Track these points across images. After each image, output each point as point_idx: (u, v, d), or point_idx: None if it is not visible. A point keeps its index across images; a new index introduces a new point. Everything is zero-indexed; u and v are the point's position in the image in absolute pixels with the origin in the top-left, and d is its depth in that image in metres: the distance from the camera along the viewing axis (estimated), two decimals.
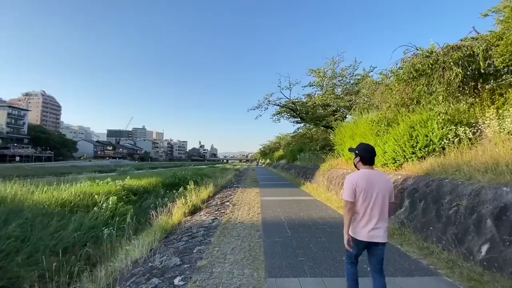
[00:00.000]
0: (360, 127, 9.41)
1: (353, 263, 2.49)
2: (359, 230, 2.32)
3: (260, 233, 5.14)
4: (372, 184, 2.30)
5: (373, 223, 2.27)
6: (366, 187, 2.29)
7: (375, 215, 2.27)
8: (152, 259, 3.94)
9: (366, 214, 2.29)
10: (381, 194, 2.30)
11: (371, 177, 2.34)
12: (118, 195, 10.00)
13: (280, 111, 19.83)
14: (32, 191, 8.52)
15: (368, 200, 2.28)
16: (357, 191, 2.29)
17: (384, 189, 2.32)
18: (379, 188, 2.30)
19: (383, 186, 2.32)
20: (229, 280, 3.13)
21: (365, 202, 2.28)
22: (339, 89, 17.07)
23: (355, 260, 2.48)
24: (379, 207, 2.28)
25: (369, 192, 2.29)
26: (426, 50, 6.98)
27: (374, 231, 2.27)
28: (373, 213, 2.27)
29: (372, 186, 2.30)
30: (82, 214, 7.52)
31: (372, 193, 2.29)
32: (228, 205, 8.49)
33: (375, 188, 2.29)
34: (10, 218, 5.96)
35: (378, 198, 2.28)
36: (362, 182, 2.31)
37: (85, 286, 3.68)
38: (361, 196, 2.29)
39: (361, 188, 2.29)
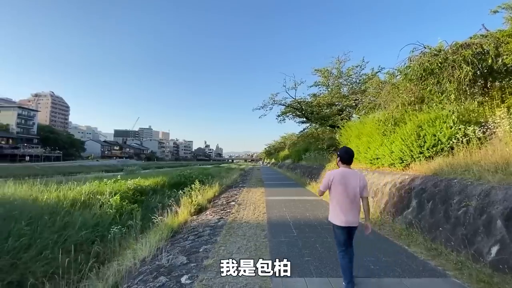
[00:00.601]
0: (366, 126, 9.33)
1: (344, 250, 2.92)
2: (337, 217, 2.87)
3: (266, 232, 5.14)
4: (346, 180, 2.86)
5: (347, 211, 2.82)
6: (340, 181, 2.85)
7: (348, 204, 2.83)
8: (159, 258, 3.98)
9: (340, 203, 2.85)
10: (351, 188, 2.83)
11: (345, 174, 2.90)
12: (125, 194, 10.14)
13: (285, 111, 19.79)
14: (41, 190, 8.69)
15: (341, 192, 2.85)
16: (332, 183, 2.90)
17: (355, 184, 2.85)
18: (351, 183, 2.84)
19: (354, 182, 2.85)
20: (235, 279, 3.14)
21: (339, 193, 2.85)
22: (345, 89, 16.95)
23: (343, 244, 2.92)
24: (351, 198, 2.84)
25: (342, 185, 2.85)
26: (434, 48, 6.88)
27: (349, 218, 2.83)
28: (346, 202, 2.83)
29: (345, 181, 2.86)
30: (89, 213, 7.64)
31: (345, 187, 2.84)
32: (234, 204, 8.52)
33: (347, 183, 2.85)
34: (21, 216, 6.10)
35: (350, 191, 2.83)
36: (337, 177, 2.88)
37: (94, 284, 3.74)
38: (335, 188, 2.89)
39: (336, 181, 2.87)
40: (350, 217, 2.82)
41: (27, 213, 6.17)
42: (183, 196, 9.65)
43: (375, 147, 8.10)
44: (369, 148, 8.62)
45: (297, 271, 3.36)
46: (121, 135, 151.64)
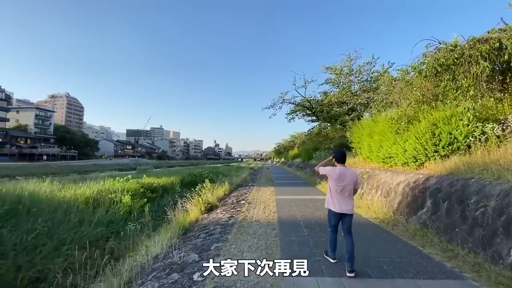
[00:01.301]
0: (378, 125, 9.15)
1: (334, 231, 3.63)
2: (333, 204, 3.49)
3: (277, 231, 5.14)
4: (344, 177, 3.45)
5: (343, 201, 3.43)
6: (339, 177, 3.45)
7: (345, 195, 3.43)
8: (172, 255, 4.05)
9: (338, 194, 3.45)
10: (347, 182, 3.43)
11: (343, 171, 3.50)
12: (137, 192, 10.36)
13: (295, 110, 19.68)
14: (58, 188, 8.99)
15: (339, 185, 3.42)
16: (331, 178, 3.52)
17: (350, 179, 3.45)
18: (347, 178, 3.45)
19: (349, 177, 3.46)
20: (247, 278, 3.15)
21: (337, 186, 3.44)
22: (356, 86, 16.67)
23: (335, 228, 3.61)
24: (347, 190, 3.44)
25: (340, 180, 3.43)
26: (450, 44, 6.66)
27: (344, 206, 3.42)
28: (343, 194, 3.43)
29: (342, 176, 3.45)
30: (104, 210, 7.85)
31: (342, 181, 3.43)
32: (244, 203, 8.56)
33: (344, 178, 3.44)
34: (38, 213, 6.34)
35: (346, 184, 3.43)
36: (337, 174, 3.49)
37: (109, 280, 3.84)
38: (334, 182, 3.47)
39: (335, 177, 3.46)
40: (343, 206, 3.43)
41: (45, 210, 6.39)
42: (193, 194, 9.78)
43: (388, 145, 7.94)
44: (381, 146, 8.45)
45: (309, 270, 3.34)
46: (133, 134, 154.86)
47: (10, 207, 5.68)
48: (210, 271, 3.11)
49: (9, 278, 4.22)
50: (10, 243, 4.88)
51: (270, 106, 18.90)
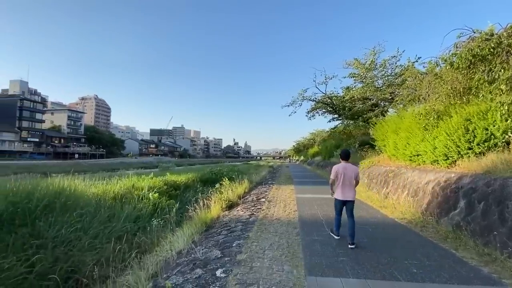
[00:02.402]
0: (405, 121, 8.72)
1: (339, 214, 4.54)
2: (339, 194, 4.43)
3: (298, 230, 5.08)
4: (345, 171, 4.39)
5: (346, 190, 4.38)
6: (342, 171, 4.39)
7: (347, 186, 4.38)
8: (195, 251, 4.14)
9: (341, 185, 4.38)
10: (349, 176, 4.38)
11: (345, 166, 4.45)
12: (161, 189, 10.73)
13: (315, 107, 19.32)
14: (90, 185, 9.53)
15: (342, 178, 4.37)
16: (337, 173, 4.43)
17: (351, 173, 4.40)
18: (348, 173, 4.39)
19: (350, 171, 4.41)
20: (269, 276, 3.15)
21: (341, 179, 4.38)
22: (380, 81, 16.00)
23: (340, 212, 4.52)
24: (348, 182, 4.38)
25: (343, 174, 4.38)
26: (485, 32, 6.17)
27: (346, 194, 4.37)
28: (346, 184, 4.37)
29: (345, 171, 4.39)
30: (131, 206, 8.21)
31: (345, 175, 4.37)
32: (264, 201, 8.56)
33: (346, 172, 4.38)
34: (73, 208, 6.75)
35: (347, 178, 4.37)
36: (341, 169, 4.43)
37: (136, 273, 4.01)
38: (339, 176, 4.41)
39: (340, 172, 4.42)
40: (346, 194, 4.37)
41: (80, 205, 6.81)
42: (214, 192, 9.94)
43: (415, 143, 7.55)
44: (408, 144, 8.06)
45: (332, 271, 3.27)
46: (156, 134, 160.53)
47: (48, 202, 6.10)
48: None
49: (48, 268, 4.55)
50: (49, 236, 5.25)
51: (289, 104, 18.70)
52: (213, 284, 2.99)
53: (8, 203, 5.56)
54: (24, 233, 5.27)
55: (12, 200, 5.67)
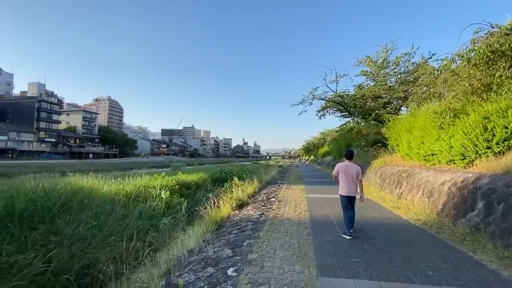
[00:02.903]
0: (419, 119, 8.49)
1: (346, 210, 4.84)
2: (343, 190, 4.85)
3: (309, 230, 5.04)
4: (348, 169, 4.83)
5: (348, 187, 4.80)
6: (344, 170, 4.84)
7: (350, 183, 4.80)
8: (206, 249, 4.18)
9: (345, 182, 4.83)
10: (350, 174, 4.78)
11: (348, 165, 4.88)
12: (172, 188, 10.88)
13: (325, 106, 19.06)
14: (104, 184, 9.78)
15: (345, 176, 4.82)
16: (339, 171, 4.90)
17: (354, 171, 4.80)
18: (350, 171, 4.80)
19: (353, 170, 4.81)
20: (280, 275, 3.14)
21: (344, 176, 4.83)
22: (393, 79, 15.63)
23: (346, 208, 4.84)
24: (350, 179, 4.79)
25: (345, 172, 4.82)
26: (504, 26, 5.92)
27: (349, 190, 4.79)
28: (348, 182, 4.80)
29: (347, 170, 4.83)
30: (144, 205, 8.37)
31: (347, 173, 4.81)
32: (274, 201, 8.54)
33: (348, 171, 4.81)
34: (89, 206, 6.96)
35: (349, 176, 4.79)
36: (343, 167, 4.88)
37: (149, 270, 4.09)
38: (342, 173, 4.86)
39: (342, 169, 4.87)
40: (349, 190, 4.80)
41: (95, 203, 7.00)
42: (224, 191, 10.00)
43: (430, 142, 7.34)
44: (422, 143, 7.85)
45: (345, 272, 3.22)
46: (167, 134, 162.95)
47: (66, 200, 6.32)
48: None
49: (65, 265, 4.70)
50: (67, 233, 5.43)
51: (299, 103, 18.50)
52: (224, 282, 3.00)
53: (28, 201, 5.78)
54: (43, 230, 5.48)
55: (32, 198, 5.89)
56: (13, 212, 5.65)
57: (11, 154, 56.35)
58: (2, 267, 4.37)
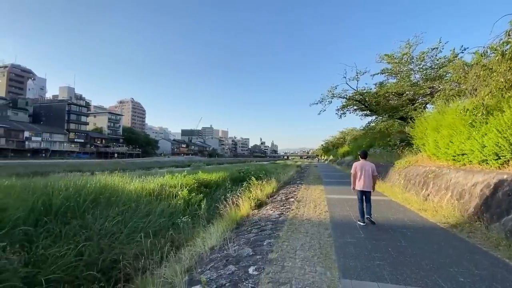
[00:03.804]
0: (447, 117, 8.05)
1: (361, 202, 5.51)
2: (359, 185, 5.54)
3: (330, 231, 4.95)
4: (363, 167, 5.53)
5: (363, 182, 5.49)
6: (360, 168, 5.55)
7: (365, 179, 5.49)
8: (227, 247, 4.24)
9: (360, 178, 5.52)
10: (366, 171, 5.50)
11: (363, 163, 5.59)
12: (192, 187, 11.15)
13: (346, 104, 18.59)
14: (128, 182, 10.23)
15: (361, 173, 5.52)
16: (356, 169, 5.59)
17: (368, 168, 5.51)
18: (366, 169, 5.51)
19: (368, 167, 5.53)
20: (302, 276, 3.12)
21: (360, 173, 5.54)
22: (417, 75, 14.92)
23: (361, 200, 5.52)
24: (366, 176, 5.50)
25: (361, 169, 5.53)
26: None
27: (364, 185, 5.49)
28: (364, 178, 5.49)
29: (363, 167, 5.53)
30: (166, 203, 8.65)
31: (363, 170, 5.51)
32: (293, 201, 8.47)
33: (364, 168, 5.52)
34: (115, 204, 7.31)
35: (365, 173, 5.50)
36: (359, 165, 5.59)
37: (172, 266, 4.22)
38: (358, 171, 5.55)
39: (359, 167, 5.56)
40: (365, 186, 5.51)
41: (121, 201, 7.34)
42: (243, 190, 10.08)
43: (460, 141, 6.94)
44: (451, 142, 7.44)
45: (368, 275, 3.14)
46: (187, 134, 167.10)
47: (95, 198, 6.70)
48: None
49: (95, 258, 4.98)
50: (95, 228, 5.75)
51: (318, 102, 18.20)
52: (246, 281, 3.03)
53: (61, 198, 6.18)
54: (75, 225, 5.84)
55: (65, 196, 6.29)
56: (50, 208, 6.07)
57: (45, 153, 60.48)
58: (40, 259, 4.71)
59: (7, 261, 4.09)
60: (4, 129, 56.20)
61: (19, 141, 58.55)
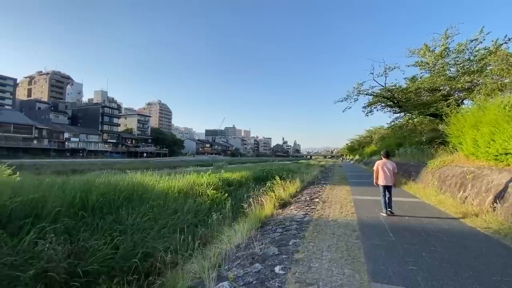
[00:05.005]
0: (488, 113, 7.42)
1: (384, 195, 6.34)
2: (381, 181, 6.41)
3: (357, 233, 4.80)
4: (385, 165, 6.43)
5: (387, 178, 6.36)
6: (383, 166, 6.44)
7: (387, 175, 6.36)
8: (252, 246, 4.28)
9: (383, 175, 6.39)
10: (387, 168, 6.38)
11: (385, 162, 6.48)
12: (218, 186, 11.39)
13: (373, 101, 17.82)
14: (157, 180, 10.69)
15: (383, 170, 6.41)
16: (379, 167, 6.48)
17: (390, 166, 6.40)
18: (387, 167, 6.40)
19: (389, 165, 6.40)
20: (329, 278, 3.06)
21: (382, 170, 6.41)
22: (453, 69, 13.88)
23: (384, 193, 6.35)
24: (388, 173, 6.36)
25: (383, 167, 6.43)
26: None
27: (386, 181, 6.36)
28: (386, 175, 6.37)
29: (385, 165, 6.43)
30: (192, 201, 8.92)
31: (385, 168, 6.41)
32: (318, 201, 8.33)
33: (386, 167, 6.41)
34: (146, 200, 7.69)
35: (387, 170, 6.37)
36: (381, 163, 6.50)
37: (200, 262, 4.35)
38: (380, 169, 6.45)
39: (380, 165, 6.47)
40: (386, 181, 6.35)
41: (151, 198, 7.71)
42: (266, 190, 10.08)
43: (503, 139, 6.36)
44: (493, 140, 6.85)
45: (401, 280, 3.00)
46: (210, 134, 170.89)
47: (128, 195, 7.10)
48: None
49: (129, 251, 5.28)
50: (128, 223, 6.10)
51: (343, 99, 17.64)
52: (272, 279, 3.04)
53: (98, 194, 6.63)
54: (110, 219, 6.23)
55: (101, 192, 6.74)
56: (87, 204, 6.55)
57: (82, 153, 65.31)
58: (81, 250, 5.09)
59: (53, 251, 4.48)
60: (47, 130, 61.58)
61: (60, 142, 63.84)
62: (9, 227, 5.11)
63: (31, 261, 4.23)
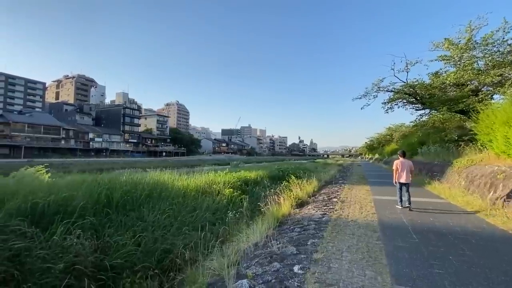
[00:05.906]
0: None
1: (400, 191, 6.89)
2: (399, 179, 6.91)
3: (378, 234, 4.66)
4: (403, 164, 6.91)
5: (403, 176, 6.83)
6: (401, 165, 6.91)
7: (404, 174, 6.83)
8: (270, 245, 4.28)
9: (401, 173, 6.89)
10: (405, 167, 6.87)
11: (403, 161, 6.95)
12: (234, 184, 11.48)
13: (393, 98, 17.17)
14: (177, 179, 10.96)
15: (401, 169, 6.89)
16: (398, 166, 6.95)
17: (407, 165, 6.89)
18: (405, 165, 6.89)
19: (406, 164, 6.91)
20: (350, 279, 3.00)
21: (400, 169, 6.90)
22: (481, 62, 13.07)
23: (400, 189, 6.89)
24: (406, 171, 6.84)
25: (401, 166, 6.90)
26: None
27: (404, 179, 6.82)
28: (403, 172, 6.85)
29: (402, 164, 6.91)
30: (210, 199, 9.06)
31: (403, 166, 6.89)
32: (336, 201, 8.18)
33: (403, 165, 6.89)
34: (166, 198, 7.92)
35: (405, 168, 6.86)
36: (399, 163, 6.97)
37: (219, 259, 4.42)
38: (399, 167, 6.91)
39: (398, 164, 6.95)
40: (404, 179, 6.80)
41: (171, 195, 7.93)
42: (283, 189, 10.03)
43: None
44: None
45: (426, 284, 2.88)
46: (227, 133, 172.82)
47: (149, 192, 7.36)
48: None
49: (150, 247, 5.47)
50: (149, 220, 6.31)
51: (362, 96, 17.14)
52: (292, 279, 3.03)
53: (122, 192, 6.91)
54: (133, 216, 6.48)
55: (124, 190, 7.02)
56: (112, 201, 6.84)
57: (105, 152, 68.34)
58: (106, 246, 5.34)
59: (81, 246, 4.73)
60: (73, 131, 65.05)
61: (85, 142, 67.21)
62: (41, 223, 5.45)
63: (61, 255, 4.48)
